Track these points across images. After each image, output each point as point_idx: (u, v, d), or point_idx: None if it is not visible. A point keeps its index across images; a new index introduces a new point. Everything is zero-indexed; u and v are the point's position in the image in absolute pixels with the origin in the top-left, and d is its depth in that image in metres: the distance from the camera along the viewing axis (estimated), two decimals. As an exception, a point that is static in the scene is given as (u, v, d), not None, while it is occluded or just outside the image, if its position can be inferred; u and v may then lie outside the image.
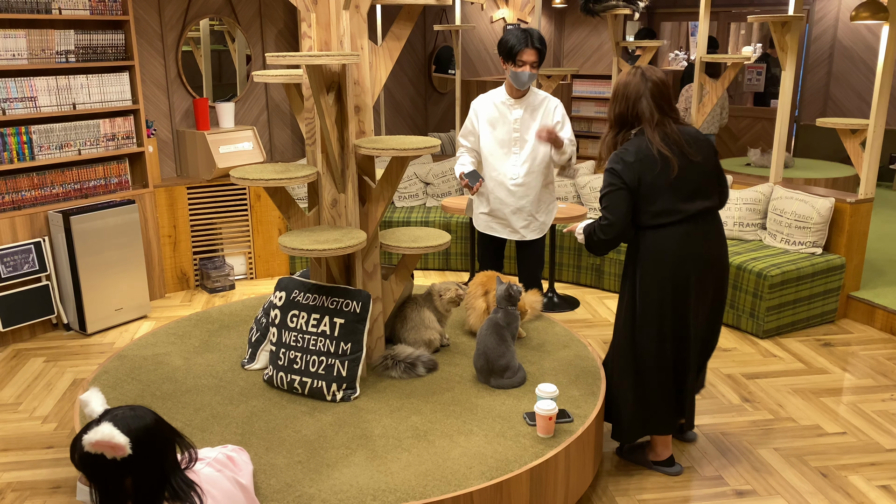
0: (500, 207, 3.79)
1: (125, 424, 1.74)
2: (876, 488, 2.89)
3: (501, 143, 3.72)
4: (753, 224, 4.76)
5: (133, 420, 1.76)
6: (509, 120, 3.69)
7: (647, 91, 2.66)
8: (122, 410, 1.81)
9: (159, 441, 1.80)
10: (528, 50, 3.50)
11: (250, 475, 2.26)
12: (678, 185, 2.65)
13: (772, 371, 3.90)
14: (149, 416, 1.81)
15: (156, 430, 1.80)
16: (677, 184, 2.64)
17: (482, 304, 3.39)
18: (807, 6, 8.16)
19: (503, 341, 2.95)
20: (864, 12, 5.46)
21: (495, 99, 3.73)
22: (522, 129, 3.68)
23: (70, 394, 3.69)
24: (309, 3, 2.83)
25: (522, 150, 3.71)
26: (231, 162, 5.07)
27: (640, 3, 5.56)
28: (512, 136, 3.70)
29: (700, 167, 2.68)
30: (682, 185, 2.65)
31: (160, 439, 1.80)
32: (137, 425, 1.75)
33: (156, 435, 1.79)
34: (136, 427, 1.75)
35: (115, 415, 1.78)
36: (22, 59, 4.17)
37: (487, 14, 8.07)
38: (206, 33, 5.33)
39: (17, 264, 4.19)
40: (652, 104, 2.66)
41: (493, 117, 3.72)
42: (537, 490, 2.46)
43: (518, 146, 3.71)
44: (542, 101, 3.71)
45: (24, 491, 2.90)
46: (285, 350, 2.94)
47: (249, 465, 2.31)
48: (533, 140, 3.67)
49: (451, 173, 5.81)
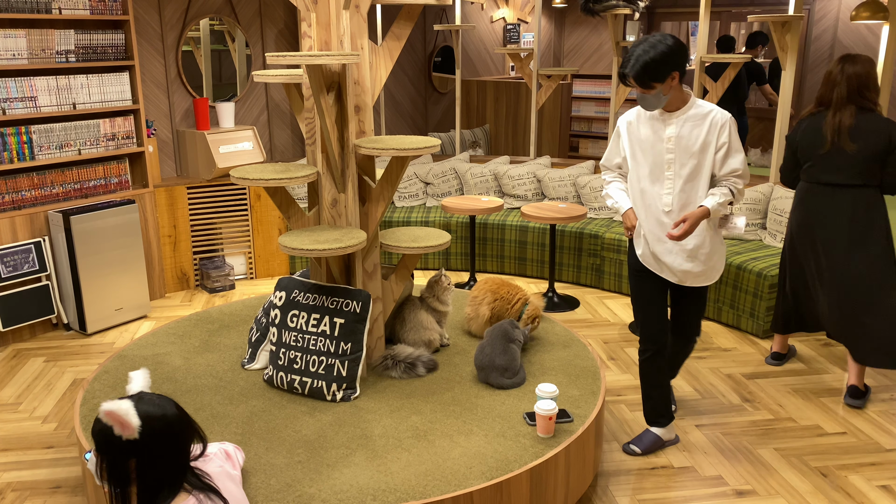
0: (654, 244, 2.98)
1: (145, 409, 1.77)
2: (876, 488, 2.89)
3: (653, 165, 2.93)
4: (753, 224, 4.76)
5: (154, 408, 1.79)
6: (662, 137, 2.88)
7: (843, 80, 3.31)
8: (150, 396, 1.85)
9: (173, 435, 1.82)
10: (630, 80, 2.77)
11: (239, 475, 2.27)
12: (824, 159, 3.40)
13: (772, 371, 3.90)
14: (171, 409, 1.83)
15: (174, 423, 1.82)
16: (824, 158, 3.40)
17: (486, 312, 3.38)
18: (807, 6, 8.16)
19: (510, 341, 2.96)
20: (864, 12, 5.46)
21: (645, 113, 2.94)
22: (678, 149, 2.86)
23: (70, 394, 3.69)
24: (309, 3, 2.83)
25: (679, 172, 2.89)
26: (231, 162, 5.07)
27: (641, 3, 5.56)
28: (665, 157, 2.89)
29: (846, 154, 3.33)
30: (826, 160, 3.39)
31: (174, 434, 1.82)
32: (155, 413, 1.78)
33: (171, 428, 1.81)
34: (154, 414, 1.78)
35: (142, 397, 1.82)
36: (22, 58, 4.17)
37: (487, 14, 8.07)
38: (206, 33, 5.33)
39: (17, 264, 4.19)
40: (843, 92, 3.31)
41: (642, 135, 2.94)
42: (537, 490, 2.46)
43: (672, 169, 2.90)
44: (705, 115, 2.82)
45: (24, 491, 2.90)
46: (285, 350, 2.94)
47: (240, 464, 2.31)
48: (694, 161, 2.87)
49: (451, 173, 5.82)
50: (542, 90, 5.97)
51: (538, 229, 5.30)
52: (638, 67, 2.65)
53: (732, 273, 4.39)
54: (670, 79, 2.66)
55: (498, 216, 5.46)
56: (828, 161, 3.41)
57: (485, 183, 5.72)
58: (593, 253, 5.16)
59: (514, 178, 5.61)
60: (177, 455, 1.83)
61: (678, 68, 2.66)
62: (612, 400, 3.58)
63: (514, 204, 5.67)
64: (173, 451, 1.82)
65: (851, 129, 3.31)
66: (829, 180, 3.43)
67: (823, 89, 3.41)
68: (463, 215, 5.42)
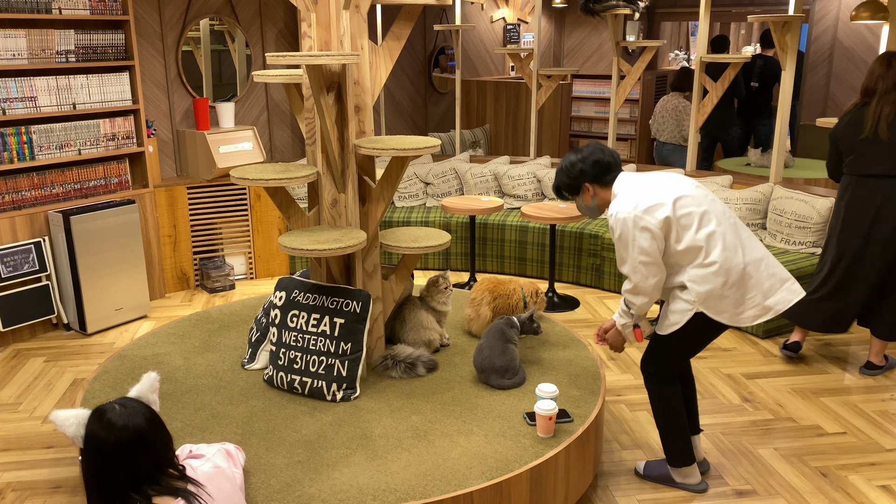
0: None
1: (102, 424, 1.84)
2: (876, 488, 2.89)
3: None
4: (754, 224, 4.76)
5: (104, 429, 1.83)
6: None
7: (890, 73, 3.50)
8: (120, 408, 1.87)
9: (128, 452, 1.83)
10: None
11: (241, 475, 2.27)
12: (864, 150, 3.56)
13: (772, 371, 3.90)
14: (127, 432, 1.84)
15: (131, 438, 1.83)
16: (864, 149, 3.56)
17: (488, 313, 3.38)
18: (807, 6, 8.16)
19: (507, 342, 2.96)
20: (864, 12, 5.45)
21: None
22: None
23: (70, 394, 3.69)
24: (309, 3, 2.83)
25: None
26: (231, 162, 5.07)
27: (641, 2, 5.56)
28: None
29: (883, 144, 3.50)
30: (865, 150, 3.56)
31: (130, 450, 1.83)
32: (103, 434, 1.83)
33: (127, 446, 1.83)
34: (101, 435, 1.83)
35: (108, 409, 1.87)
36: (22, 59, 4.16)
37: (487, 14, 8.07)
38: (206, 33, 5.33)
39: (17, 264, 4.19)
40: (889, 84, 3.50)
41: None
42: (537, 490, 2.46)
43: None
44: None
45: (24, 491, 2.90)
46: (285, 350, 2.94)
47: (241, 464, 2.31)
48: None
49: (451, 173, 5.82)
50: (542, 90, 5.97)
51: (538, 229, 5.30)
52: (554, 184, 2.81)
53: (732, 273, 4.39)
54: (584, 191, 2.72)
55: (498, 216, 5.46)
56: (868, 152, 3.56)
57: (485, 183, 5.72)
58: (593, 253, 5.16)
59: (514, 178, 5.61)
60: (132, 466, 1.84)
61: (590, 181, 2.71)
62: (612, 400, 3.58)
63: (514, 204, 5.67)
64: (123, 463, 1.83)
65: (891, 118, 3.50)
66: (870, 171, 3.57)
67: (868, 80, 3.58)
68: (463, 215, 5.42)
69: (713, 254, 2.53)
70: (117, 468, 1.82)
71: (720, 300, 2.58)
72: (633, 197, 2.56)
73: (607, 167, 2.68)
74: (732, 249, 2.56)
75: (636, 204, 2.53)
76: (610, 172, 2.68)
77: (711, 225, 2.54)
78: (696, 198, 2.57)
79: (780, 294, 2.62)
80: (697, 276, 2.56)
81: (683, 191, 2.57)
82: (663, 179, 2.63)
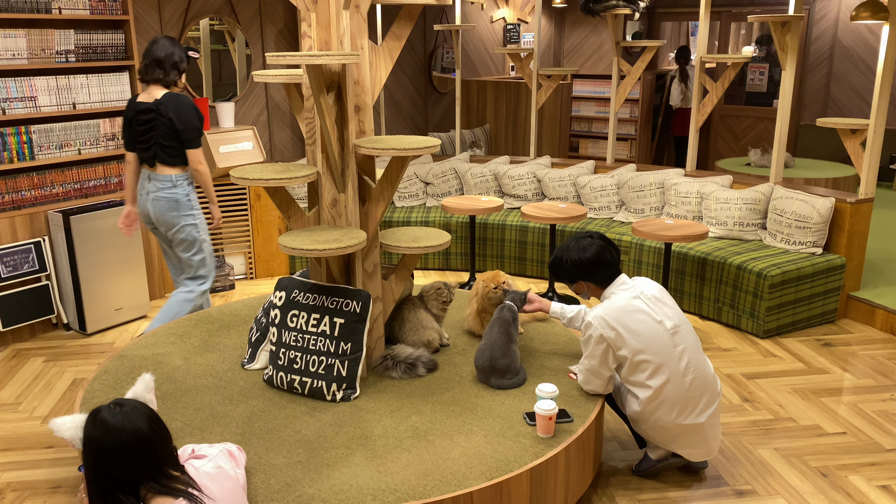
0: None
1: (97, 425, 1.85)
2: (876, 488, 2.89)
3: None
4: (754, 224, 4.76)
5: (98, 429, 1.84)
6: None
7: None
8: (119, 409, 1.87)
9: (127, 452, 1.84)
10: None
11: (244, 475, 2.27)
12: None
13: (772, 371, 3.90)
14: (125, 432, 1.84)
15: (129, 441, 1.84)
16: None
17: (474, 305, 3.39)
18: (807, 6, 8.16)
19: (511, 341, 2.96)
20: (864, 12, 5.46)
21: None
22: None
23: (70, 394, 3.69)
24: (309, 3, 2.83)
25: None
26: (231, 162, 5.07)
27: (641, 2, 5.56)
28: None
29: None
30: None
31: (128, 451, 1.84)
32: (98, 434, 1.84)
33: (125, 446, 1.84)
34: (97, 436, 1.84)
35: (103, 410, 1.87)
36: (22, 58, 4.17)
37: (487, 14, 8.07)
38: (206, 33, 5.33)
39: (17, 264, 4.19)
40: None
41: None
42: (537, 490, 2.46)
43: None
44: None
45: (24, 491, 2.90)
46: (285, 350, 2.94)
47: (243, 464, 2.31)
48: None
49: (451, 173, 5.82)
50: (542, 90, 5.97)
51: (538, 229, 5.30)
52: (550, 265, 3.03)
53: (732, 273, 4.39)
54: (578, 285, 2.96)
55: (498, 216, 5.46)
56: None
57: (485, 183, 5.72)
58: (593, 253, 5.15)
59: (514, 178, 5.61)
60: (132, 466, 1.84)
61: (584, 279, 2.93)
62: (612, 400, 3.58)
63: (514, 204, 5.67)
64: (122, 464, 1.83)
65: None
66: None
67: None
68: (463, 215, 5.42)
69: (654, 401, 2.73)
70: (117, 468, 1.82)
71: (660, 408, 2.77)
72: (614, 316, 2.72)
73: (606, 266, 2.87)
74: (671, 406, 2.72)
75: (613, 325, 2.70)
76: (607, 271, 2.87)
77: (662, 377, 2.69)
78: (660, 346, 2.69)
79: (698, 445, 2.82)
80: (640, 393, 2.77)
81: (653, 335, 2.69)
82: (649, 309, 2.74)
